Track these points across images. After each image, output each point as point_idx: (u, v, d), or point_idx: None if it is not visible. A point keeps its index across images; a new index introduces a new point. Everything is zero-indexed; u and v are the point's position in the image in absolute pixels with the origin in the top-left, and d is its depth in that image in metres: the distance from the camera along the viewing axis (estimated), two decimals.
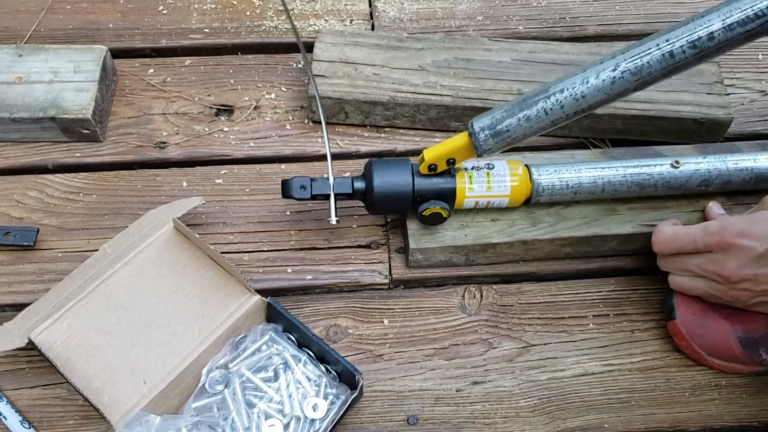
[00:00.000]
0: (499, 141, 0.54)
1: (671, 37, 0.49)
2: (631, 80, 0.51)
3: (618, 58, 0.51)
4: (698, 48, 0.49)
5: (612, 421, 0.57)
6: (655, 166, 0.62)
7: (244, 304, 0.57)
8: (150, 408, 0.52)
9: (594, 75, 0.51)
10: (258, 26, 0.79)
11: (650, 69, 0.50)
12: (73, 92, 0.67)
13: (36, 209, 0.65)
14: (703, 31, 0.48)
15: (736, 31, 0.48)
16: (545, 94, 0.53)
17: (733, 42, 0.48)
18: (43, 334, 0.55)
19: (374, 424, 0.56)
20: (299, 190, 0.59)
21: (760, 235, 0.52)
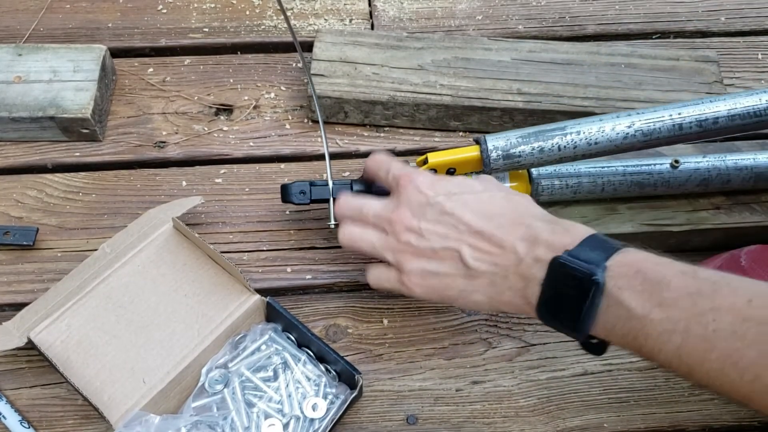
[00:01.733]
0: (508, 163, 0.57)
1: (683, 112, 0.56)
2: (641, 139, 0.56)
3: (634, 117, 0.56)
4: (703, 128, 0.56)
5: (611, 421, 0.57)
6: (654, 166, 0.62)
7: (244, 304, 0.57)
8: (149, 407, 0.52)
9: (610, 126, 0.56)
10: (257, 26, 0.79)
11: (659, 134, 0.56)
12: (72, 91, 0.67)
13: (35, 209, 0.65)
14: (710, 114, 0.55)
15: (736, 122, 0.55)
16: (562, 131, 0.56)
17: (730, 130, 0.56)
18: (42, 334, 0.55)
19: (374, 424, 0.56)
20: (299, 195, 0.59)
21: (438, 187, 0.50)
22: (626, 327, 0.40)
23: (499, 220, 0.47)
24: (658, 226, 0.63)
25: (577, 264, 0.41)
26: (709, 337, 0.37)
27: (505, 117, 0.69)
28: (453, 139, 0.72)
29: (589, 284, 0.41)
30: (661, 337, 0.39)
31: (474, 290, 0.48)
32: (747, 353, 0.35)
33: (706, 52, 0.73)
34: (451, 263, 0.48)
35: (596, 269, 0.41)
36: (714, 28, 0.81)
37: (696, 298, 0.38)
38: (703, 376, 0.38)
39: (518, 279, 0.46)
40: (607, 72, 0.70)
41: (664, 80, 0.70)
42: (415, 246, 0.49)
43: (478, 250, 0.47)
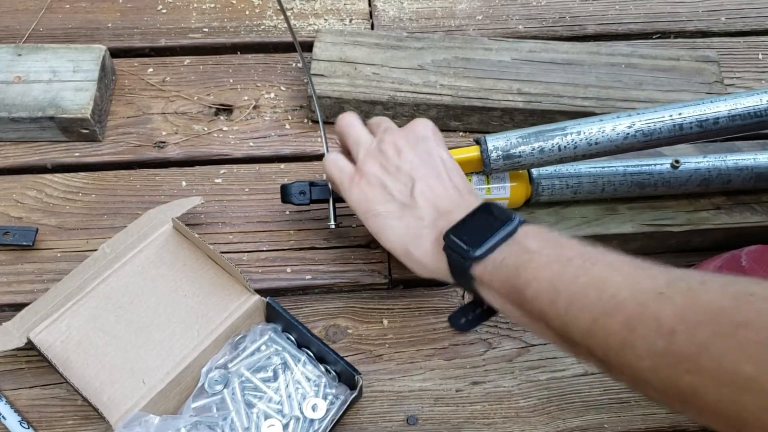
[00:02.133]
0: (508, 164, 0.57)
1: (684, 112, 0.55)
2: (641, 139, 0.56)
3: (634, 117, 0.56)
4: (703, 128, 0.56)
5: (612, 421, 0.57)
6: (655, 166, 0.62)
7: (244, 304, 0.57)
8: (149, 408, 0.52)
9: (610, 127, 0.56)
10: (257, 26, 0.79)
11: (660, 134, 0.56)
12: (72, 92, 0.67)
13: (35, 209, 0.65)
14: (711, 114, 0.55)
15: (737, 122, 0.55)
16: (562, 131, 0.56)
17: (731, 130, 0.56)
18: (42, 334, 0.54)
19: (374, 425, 0.56)
20: (298, 195, 0.59)
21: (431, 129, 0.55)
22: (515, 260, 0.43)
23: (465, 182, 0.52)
24: (658, 226, 0.63)
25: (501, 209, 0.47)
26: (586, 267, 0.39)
27: (505, 117, 0.69)
28: (453, 139, 0.72)
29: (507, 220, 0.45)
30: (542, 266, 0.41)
31: (397, 216, 0.51)
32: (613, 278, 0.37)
33: (707, 52, 0.72)
34: (401, 187, 0.51)
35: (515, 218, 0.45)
36: (714, 28, 0.81)
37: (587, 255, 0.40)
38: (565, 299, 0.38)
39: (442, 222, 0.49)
40: (608, 72, 0.70)
41: (664, 80, 0.70)
42: (388, 158, 0.53)
43: (431, 190, 0.51)
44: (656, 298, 0.34)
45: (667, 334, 0.33)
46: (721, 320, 0.31)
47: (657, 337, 0.33)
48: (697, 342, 0.31)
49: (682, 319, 0.32)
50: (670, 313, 0.33)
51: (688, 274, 0.36)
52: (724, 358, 0.30)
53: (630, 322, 0.35)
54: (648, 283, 0.36)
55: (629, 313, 0.35)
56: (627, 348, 0.34)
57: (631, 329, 0.34)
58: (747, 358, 0.29)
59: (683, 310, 0.33)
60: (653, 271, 0.37)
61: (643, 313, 0.34)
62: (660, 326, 0.33)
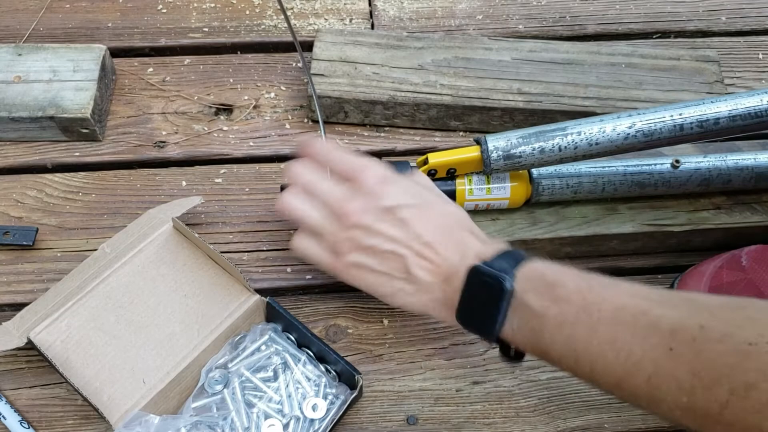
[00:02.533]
0: (509, 164, 0.57)
1: (684, 112, 0.55)
2: (642, 140, 0.56)
3: (635, 117, 0.56)
4: (704, 128, 0.56)
5: (612, 421, 0.57)
6: (655, 166, 0.62)
7: (244, 304, 0.57)
8: (149, 408, 0.52)
9: (611, 127, 0.56)
10: (257, 25, 0.79)
11: (660, 134, 0.56)
12: (72, 91, 0.67)
13: (35, 209, 0.65)
14: (711, 114, 0.55)
15: (737, 123, 0.55)
16: (563, 132, 0.56)
17: (732, 130, 0.56)
18: (42, 334, 0.54)
19: (374, 424, 0.56)
20: None
21: (397, 190, 0.50)
22: (529, 326, 0.44)
23: (445, 233, 0.50)
24: (658, 226, 0.63)
25: (489, 272, 0.45)
26: (593, 324, 0.40)
27: (505, 117, 0.69)
28: (453, 139, 0.72)
29: (499, 289, 0.45)
30: (555, 329, 0.42)
31: (410, 293, 0.50)
32: (622, 335, 0.39)
33: (707, 52, 0.72)
34: (393, 265, 0.50)
35: (505, 276, 0.45)
36: (715, 27, 0.81)
37: (586, 293, 0.42)
38: (587, 362, 0.41)
39: (447, 287, 0.49)
40: (608, 72, 0.70)
41: (664, 80, 0.70)
42: (359, 242, 0.50)
43: (424, 259, 0.49)
44: (668, 356, 0.37)
45: (688, 392, 0.36)
46: (733, 380, 0.34)
47: (680, 394, 0.36)
48: (716, 401, 0.35)
49: (698, 377, 0.35)
50: (684, 370, 0.36)
51: (684, 315, 0.38)
52: (745, 416, 0.34)
53: (652, 381, 0.38)
54: (655, 335, 0.38)
55: (648, 373, 0.38)
56: (656, 402, 0.38)
57: (655, 387, 0.38)
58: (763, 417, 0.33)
59: (695, 367, 0.36)
60: (651, 315, 0.39)
61: (660, 373, 0.37)
62: (680, 385, 0.36)
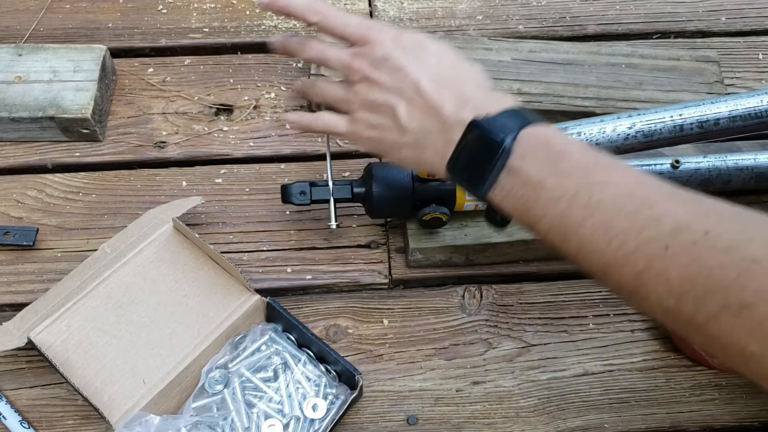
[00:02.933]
0: None
1: (684, 113, 0.55)
2: (641, 140, 0.56)
3: (635, 118, 0.56)
4: (704, 129, 0.56)
5: (612, 421, 0.57)
6: (655, 166, 0.62)
7: (244, 304, 0.57)
8: (149, 408, 0.52)
9: (611, 127, 0.56)
10: (257, 25, 0.79)
11: (660, 135, 0.56)
12: (72, 92, 0.67)
13: (35, 209, 0.65)
14: (711, 115, 0.55)
15: (737, 123, 0.55)
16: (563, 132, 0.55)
17: (732, 131, 0.56)
18: (42, 334, 0.54)
19: (374, 424, 0.56)
20: (299, 195, 0.59)
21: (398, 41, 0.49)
22: (521, 192, 0.42)
23: (441, 82, 0.48)
24: None
25: (492, 127, 0.43)
26: (591, 205, 0.39)
27: None
28: None
29: (496, 147, 0.42)
30: (548, 202, 0.40)
31: (403, 145, 0.49)
32: (620, 223, 0.37)
33: (707, 52, 0.72)
34: (387, 117, 0.49)
35: (507, 135, 0.42)
36: (715, 28, 0.81)
37: (591, 171, 0.40)
38: (575, 243, 0.39)
39: (441, 137, 0.47)
40: (608, 72, 0.70)
41: (664, 80, 0.70)
42: (365, 97, 0.50)
43: (413, 108, 0.48)
44: (663, 254, 0.35)
45: (677, 296, 0.34)
46: (728, 295, 0.33)
47: (667, 296, 0.35)
48: (705, 312, 0.33)
49: (691, 283, 0.34)
50: (677, 273, 0.35)
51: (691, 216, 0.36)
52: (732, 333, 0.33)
53: (640, 277, 0.36)
54: (654, 230, 0.36)
55: (639, 268, 0.36)
56: (639, 298, 0.37)
57: (642, 283, 0.36)
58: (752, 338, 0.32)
59: (690, 273, 0.34)
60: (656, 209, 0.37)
61: (652, 269, 0.36)
62: (669, 287, 0.35)
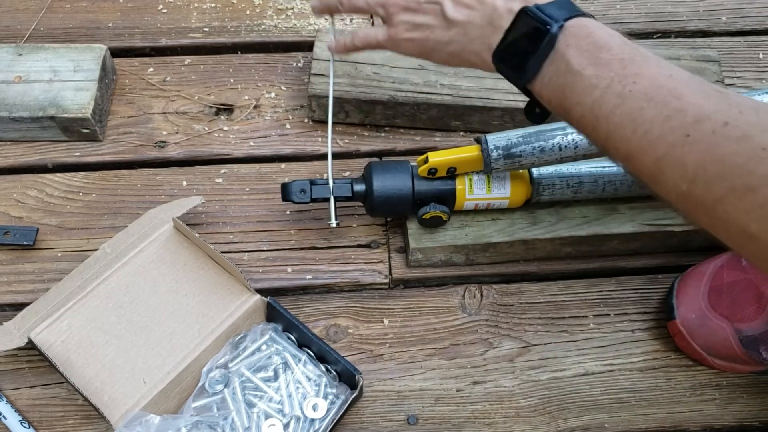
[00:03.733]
0: (509, 163, 0.57)
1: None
2: None
3: None
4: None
5: (612, 421, 0.57)
6: None
7: (244, 304, 0.57)
8: (150, 408, 0.52)
9: None
10: (258, 25, 0.79)
11: None
12: (72, 91, 0.67)
13: (35, 208, 0.65)
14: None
15: None
16: (563, 131, 0.56)
17: None
18: (42, 334, 0.54)
19: (374, 424, 0.56)
20: (299, 194, 0.59)
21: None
22: (561, 80, 0.44)
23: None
24: (659, 226, 0.63)
25: (540, 15, 0.45)
26: (624, 94, 0.41)
27: (505, 117, 0.69)
28: (454, 138, 0.72)
29: (543, 34, 0.44)
30: (584, 90, 0.42)
31: (449, 41, 0.52)
32: (647, 112, 0.39)
33: (707, 52, 0.72)
34: (432, 16, 0.52)
35: (554, 23, 0.44)
36: (715, 27, 0.81)
37: (627, 63, 0.42)
38: (605, 128, 0.42)
39: (489, 27, 0.49)
40: None
41: None
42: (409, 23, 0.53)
43: (458, 2, 0.51)
44: (683, 142, 0.37)
45: (690, 180, 0.37)
46: (735, 179, 0.35)
47: (681, 181, 0.38)
48: (713, 195, 0.36)
49: (704, 169, 0.36)
50: (693, 159, 0.37)
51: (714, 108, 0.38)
52: (735, 215, 0.35)
53: (659, 163, 0.39)
54: (678, 120, 0.38)
55: (659, 154, 0.39)
56: (656, 183, 0.40)
57: (660, 169, 0.39)
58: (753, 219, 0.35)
59: (704, 159, 0.37)
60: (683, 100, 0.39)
61: (671, 155, 0.38)
62: (684, 172, 0.37)
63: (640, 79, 0.41)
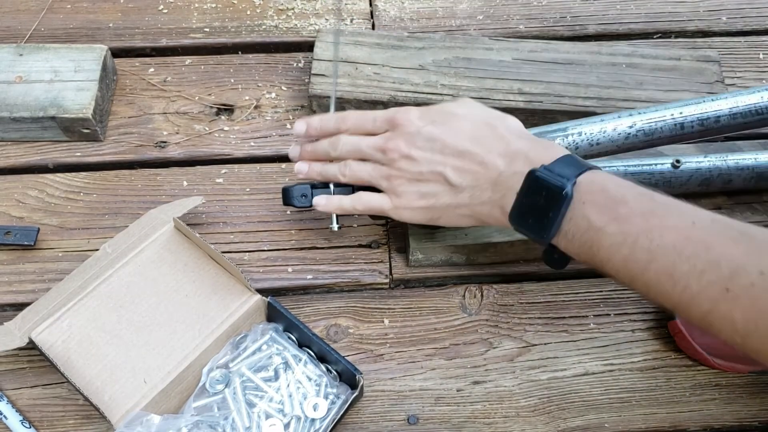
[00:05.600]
0: None
1: (685, 111, 0.56)
2: (642, 139, 0.56)
3: (635, 117, 0.56)
4: (705, 126, 0.56)
5: (612, 421, 0.57)
6: (656, 166, 0.62)
7: (245, 304, 0.57)
8: (150, 407, 0.52)
9: (611, 126, 0.56)
10: (258, 25, 0.79)
11: (661, 133, 0.56)
12: (73, 91, 0.67)
13: (36, 209, 0.65)
14: (712, 112, 0.55)
15: (738, 120, 0.55)
16: (564, 132, 0.57)
17: (732, 128, 0.56)
18: (43, 334, 0.55)
19: (374, 424, 0.56)
20: (300, 198, 0.59)
21: (426, 117, 0.53)
22: (584, 237, 0.44)
23: (481, 141, 0.51)
24: None
25: (551, 177, 0.46)
26: (652, 250, 0.41)
27: None
28: None
29: (558, 195, 0.45)
30: (612, 248, 0.43)
31: (458, 205, 0.52)
32: (681, 266, 0.40)
33: (708, 52, 0.72)
34: (437, 184, 0.52)
35: (567, 183, 0.45)
36: (715, 27, 0.81)
37: (648, 216, 0.42)
38: (642, 285, 0.42)
39: (497, 190, 0.50)
40: (609, 72, 0.70)
41: (665, 80, 0.70)
42: (408, 171, 0.53)
43: (460, 168, 0.51)
44: (725, 297, 0.38)
45: (743, 335, 0.37)
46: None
47: (734, 334, 0.38)
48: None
49: (753, 324, 0.37)
50: (741, 316, 0.37)
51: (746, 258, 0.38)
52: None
53: (707, 318, 0.39)
54: (714, 273, 0.38)
55: (704, 309, 0.39)
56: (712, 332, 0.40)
57: (710, 323, 0.39)
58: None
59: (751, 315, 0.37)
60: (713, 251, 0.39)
61: (716, 311, 0.38)
62: (735, 328, 0.38)
63: (665, 231, 0.41)
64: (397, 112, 0.54)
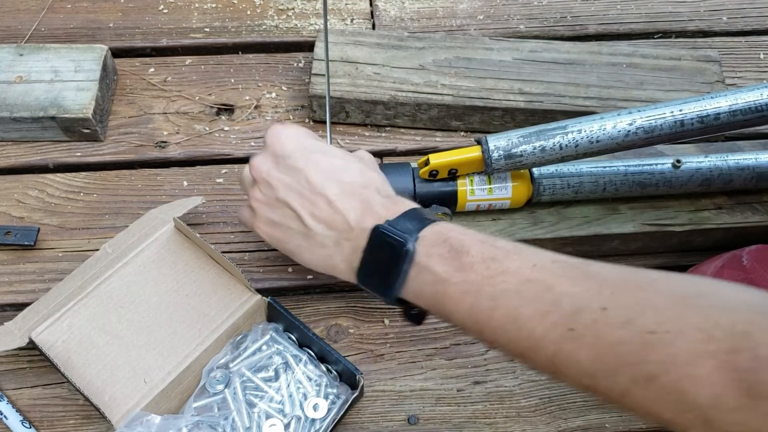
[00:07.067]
0: (510, 163, 0.57)
1: (685, 108, 0.55)
2: (642, 137, 0.56)
3: (635, 114, 0.56)
4: (704, 124, 0.55)
5: (613, 421, 0.57)
6: (656, 165, 0.62)
7: (245, 304, 0.57)
8: (150, 408, 0.52)
9: (611, 124, 0.56)
10: (259, 25, 0.79)
11: (661, 131, 0.55)
12: (73, 91, 0.67)
13: (36, 209, 0.65)
14: (711, 110, 0.55)
15: (738, 118, 0.55)
16: (563, 130, 0.56)
17: (732, 125, 0.56)
18: (43, 334, 0.55)
19: (375, 424, 0.56)
20: None
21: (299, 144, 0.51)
22: (432, 290, 0.43)
23: (342, 188, 0.49)
24: (659, 226, 0.63)
25: (393, 232, 0.45)
26: (496, 296, 0.40)
27: (506, 117, 0.69)
28: (454, 139, 0.72)
29: (400, 251, 0.44)
30: (458, 298, 0.42)
31: (308, 248, 0.50)
32: (524, 310, 0.38)
33: (708, 52, 0.72)
34: (291, 218, 0.50)
35: (409, 238, 0.44)
36: (716, 27, 0.81)
37: (490, 262, 0.41)
38: (490, 333, 0.41)
39: (347, 246, 0.48)
40: (609, 72, 0.70)
41: (665, 80, 0.70)
42: (264, 194, 0.51)
43: (315, 211, 0.49)
44: (569, 338, 0.36)
45: (590, 376, 0.36)
46: (633, 370, 0.34)
47: (582, 377, 0.36)
48: (618, 388, 0.35)
49: (599, 362, 0.35)
50: (585, 355, 0.36)
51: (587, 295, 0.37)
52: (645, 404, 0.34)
53: (554, 361, 0.37)
54: (557, 314, 0.37)
55: (550, 353, 0.37)
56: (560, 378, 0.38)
57: (557, 367, 0.37)
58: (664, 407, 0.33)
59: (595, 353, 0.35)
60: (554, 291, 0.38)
61: (561, 353, 0.37)
62: (581, 368, 0.36)
63: (507, 276, 0.40)
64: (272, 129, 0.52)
